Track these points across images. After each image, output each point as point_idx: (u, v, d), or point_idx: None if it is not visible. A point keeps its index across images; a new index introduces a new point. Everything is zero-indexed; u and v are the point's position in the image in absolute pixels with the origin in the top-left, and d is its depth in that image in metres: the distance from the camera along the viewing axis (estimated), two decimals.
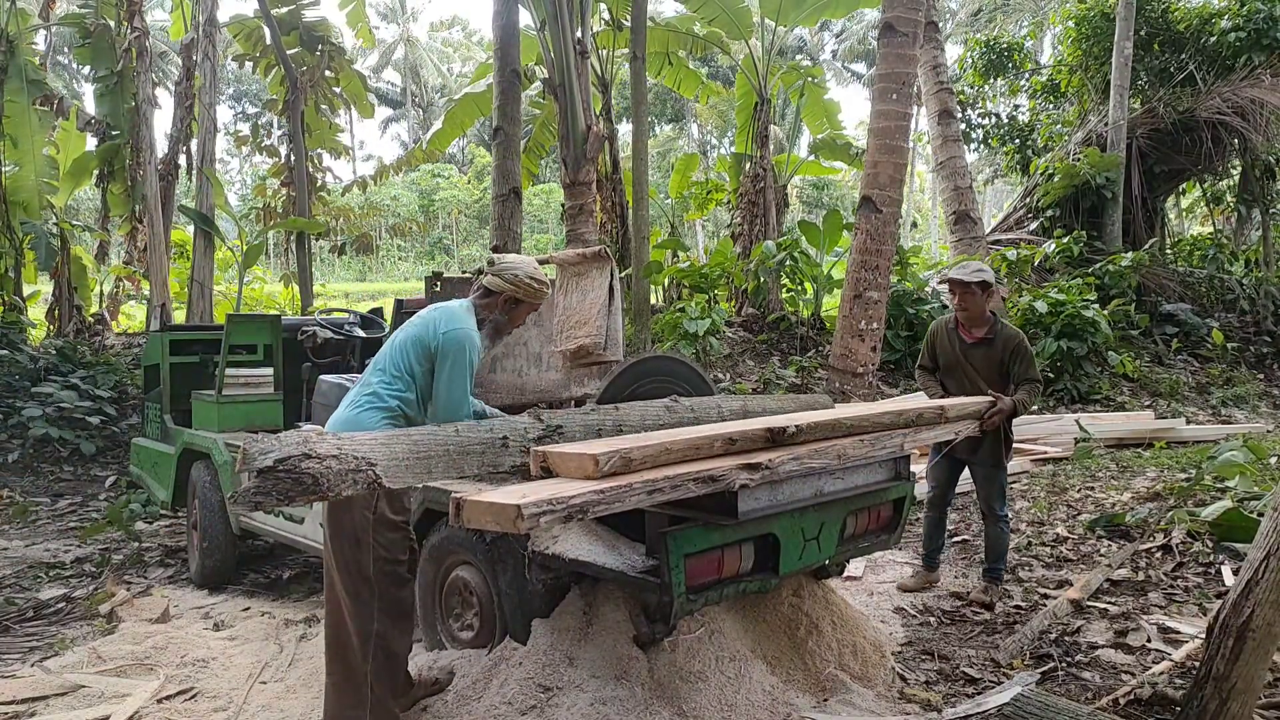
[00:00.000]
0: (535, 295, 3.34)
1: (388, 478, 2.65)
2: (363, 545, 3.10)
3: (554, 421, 3.08)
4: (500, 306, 3.32)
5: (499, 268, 3.29)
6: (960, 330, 4.55)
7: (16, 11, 11.39)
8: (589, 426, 3.18)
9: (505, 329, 3.41)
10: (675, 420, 3.48)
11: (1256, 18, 14.29)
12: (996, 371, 4.51)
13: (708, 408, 3.72)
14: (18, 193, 11.42)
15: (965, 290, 4.46)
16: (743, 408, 3.84)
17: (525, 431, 3.01)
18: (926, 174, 40.48)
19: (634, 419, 3.36)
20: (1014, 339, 4.53)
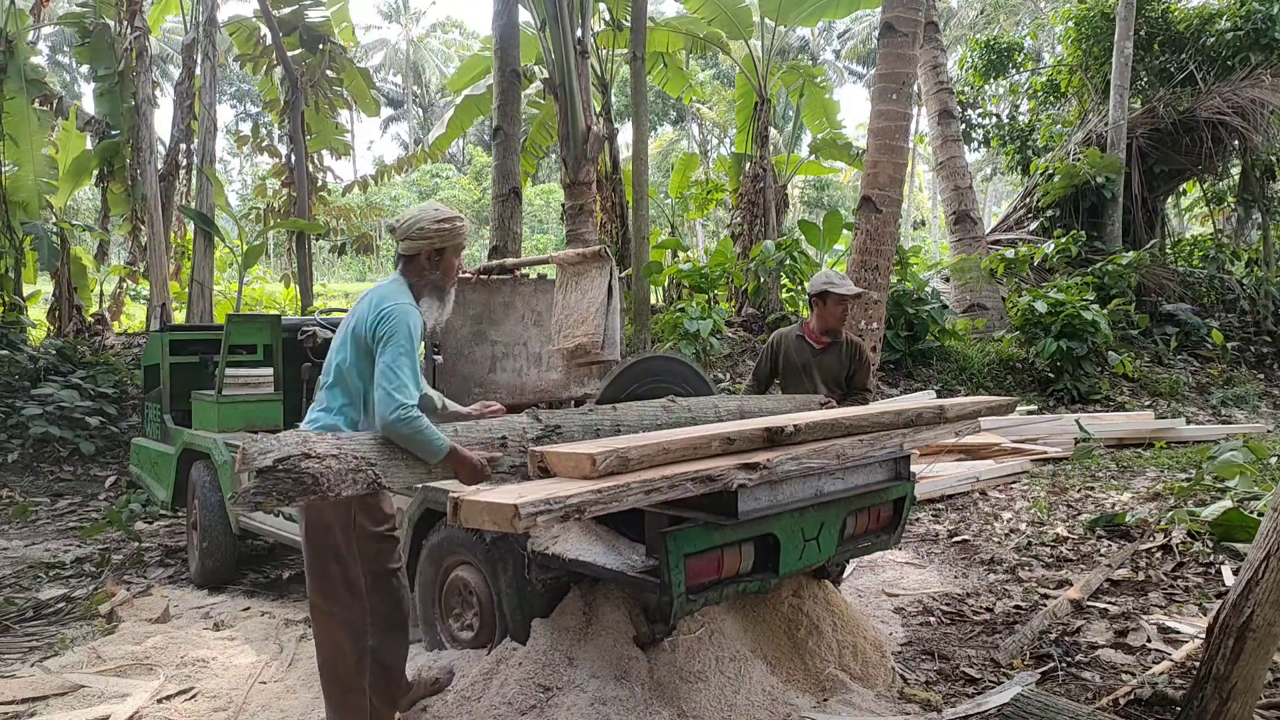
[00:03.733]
0: (453, 236, 3.07)
1: (387, 477, 2.62)
2: (347, 562, 2.98)
3: (552, 421, 3.03)
4: (427, 264, 3.06)
5: (403, 230, 3.05)
6: (809, 338, 4.63)
7: (16, 11, 11.38)
8: (587, 426, 3.14)
9: (445, 284, 3.12)
10: (673, 420, 3.46)
11: (1255, 17, 14.29)
12: (844, 376, 4.63)
13: (705, 407, 3.69)
14: (17, 193, 11.42)
15: (852, 301, 4.57)
16: (739, 407, 3.81)
17: (524, 431, 2.96)
18: (926, 174, 40.50)
19: (632, 419, 3.33)
20: (858, 346, 4.68)
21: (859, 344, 4.67)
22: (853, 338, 4.70)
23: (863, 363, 4.64)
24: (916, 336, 11.54)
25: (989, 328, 13.31)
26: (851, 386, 4.62)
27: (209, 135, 13.16)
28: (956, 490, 7.40)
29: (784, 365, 4.66)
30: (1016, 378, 11.52)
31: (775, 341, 4.74)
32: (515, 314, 4.80)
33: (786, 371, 4.65)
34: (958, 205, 14.74)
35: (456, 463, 2.76)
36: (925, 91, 15.01)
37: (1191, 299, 14.14)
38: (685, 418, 3.54)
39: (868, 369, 4.68)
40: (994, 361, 11.81)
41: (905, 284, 11.85)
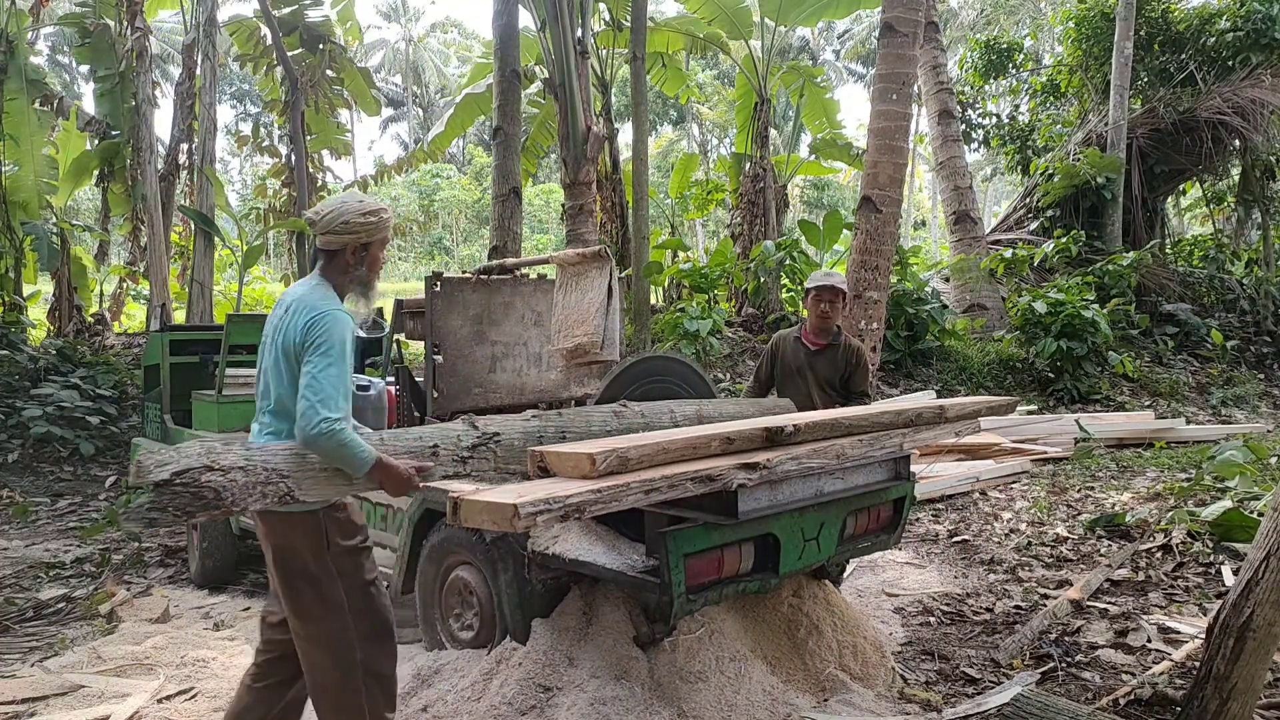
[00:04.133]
0: (379, 229, 2.84)
1: (302, 490, 2.46)
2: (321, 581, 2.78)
3: (490, 428, 2.87)
4: (352, 260, 2.82)
5: (324, 223, 2.78)
6: (805, 339, 4.59)
7: (16, 11, 11.39)
8: (529, 434, 2.98)
9: (371, 280, 2.92)
10: (624, 426, 3.29)
11: (1255, 17, 14.29)
12: (839, 378, 4.56)
13: (659, 412, 3.55)
14: (17, 193, 11.42)
15: (834, 297, 4.51)
16: (697, 413, 3.68)
17: (458, 439, 2.78)
18: (926, 174, 40.50)
19: (578, 426, 3.19)
20: (856, 348, 4.60)
21: (858, 347, 4.61)
22: (852, 341, 4.66)
23: (861, 366, 4.57)
24: (916, 336, 11.54)
25: (989, 328, 13.31)
26: (849, 390, 4.56)
27: (209, 135, 13.16)
28: (956, 490, 7.40)
29: (780, 367, 4.65)
30: (1016, 378, 11.52)
31: (775, 343, 4.73)
32: (515, 314, 4.80)
33: (784, 373, 4.64)
34: (958, 205, 14.74)
35: (382, 474, 2.57)
36: (925, 91, 15.01)
37: (1191, 299, 14.15)
38: (638, 423, 3.38)
39: (866, 373, 4.61)
40: (994, 361, 11.81)
41: (905, 284, 11.85)
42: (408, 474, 2.60)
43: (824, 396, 4.51)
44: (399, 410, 4.73)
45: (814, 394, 4.53)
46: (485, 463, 2.82)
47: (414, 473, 2.62)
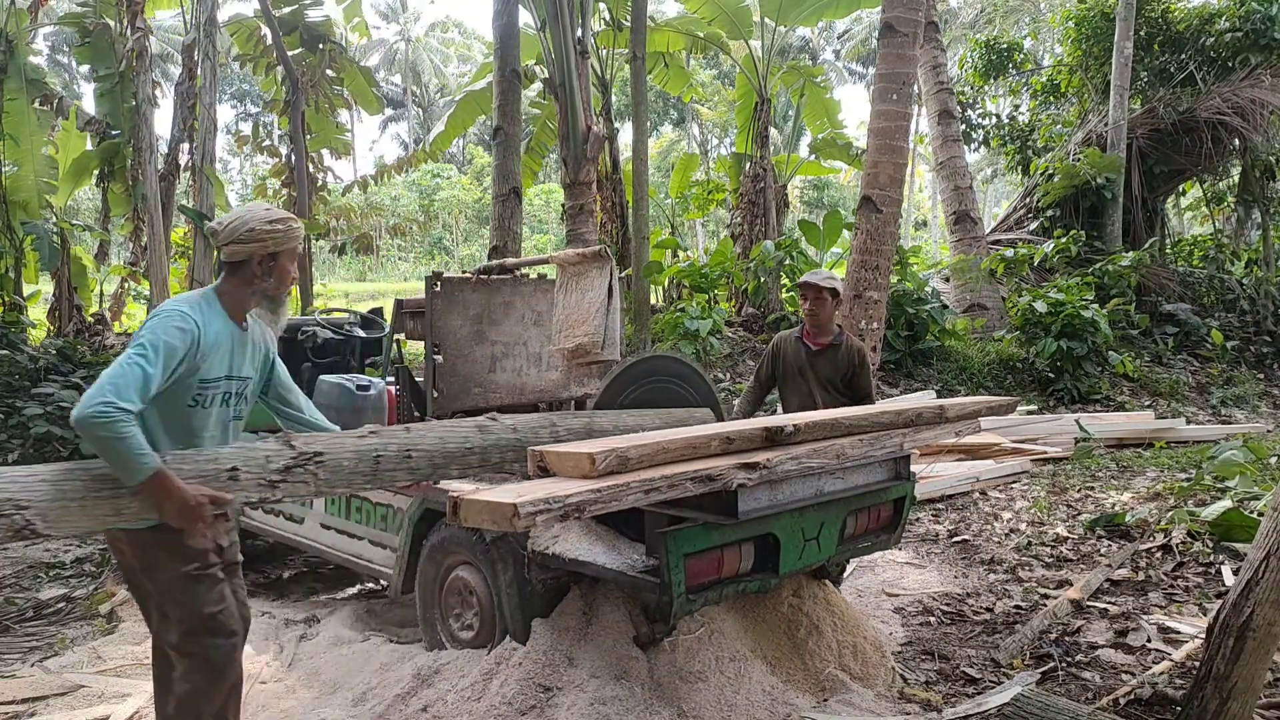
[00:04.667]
0: (287, 238, 2.67)
1: (47, 522, 2.14)
2: (169, 605, 2.60)
3: (310, 448, 2.52)
4: (258, 271, 2.65)
5: (226, 233, 2.61)
6: (805, 339, 4.58)
7: (16, 11, 11.39)
8: (362, 453, 2.62)
9: (279, 291, 2.73)
10: (490, 443, 2.97)
11: (1254, 18, 14.29)
12: (840, 379, 4.52)
13: (537, 426, 3.18)
14: (17, 192, 11.41)
15: (817, 295, 4.48)
16: (586, 426, 3.33)
17: (265, 461, 2.43)
18: (926, 174, 40.50)
19: (429, 442, 2.82)
20: (860, 349, 4.58)
21: (860, 347, 4.60)
22: (854, 340, 4.64)
23: (864, 367, 4.55)
24: (916, 336, 11.54)
25: (989, 328, 13.31)
26: (853, 392, 4.54)
27: (209, 135, 13.16)
28: (956, 490, 7.40)
29: (782, 367, 4.65)
30: (1016, 378, 11.52)
31: (776, 344, 4.73)
32: (515, 314, 4.79)
33: (785, 374, 4.64)
34: (958, 205, 14.74)
35: (161, 493, 2.27)
36: (925, 91, 15.01)
37: (1191, 299, 14.14)
38: (507, 439, 3.04)
39: (869, 374, 4.59)
40: (994, 361, 11.81)
41: (905, 284, 11.85)
42: (195, 502, 2.29)
43: (826, 396, 4.50)
44: (399, 410, 4.73)
45: (816, 394, 4.53)
46: (304, 486, 2.48)
47: (205, 502, 2.30)
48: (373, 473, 2.64)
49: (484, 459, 2.96)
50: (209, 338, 2.54)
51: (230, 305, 2.67)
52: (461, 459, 2.89)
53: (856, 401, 4.50)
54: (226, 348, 2.62)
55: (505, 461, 3.04)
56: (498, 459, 3.01)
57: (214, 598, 2.62)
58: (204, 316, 2.55)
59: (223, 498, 2.36)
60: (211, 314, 2.60)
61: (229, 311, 2.66)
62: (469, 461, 2.91)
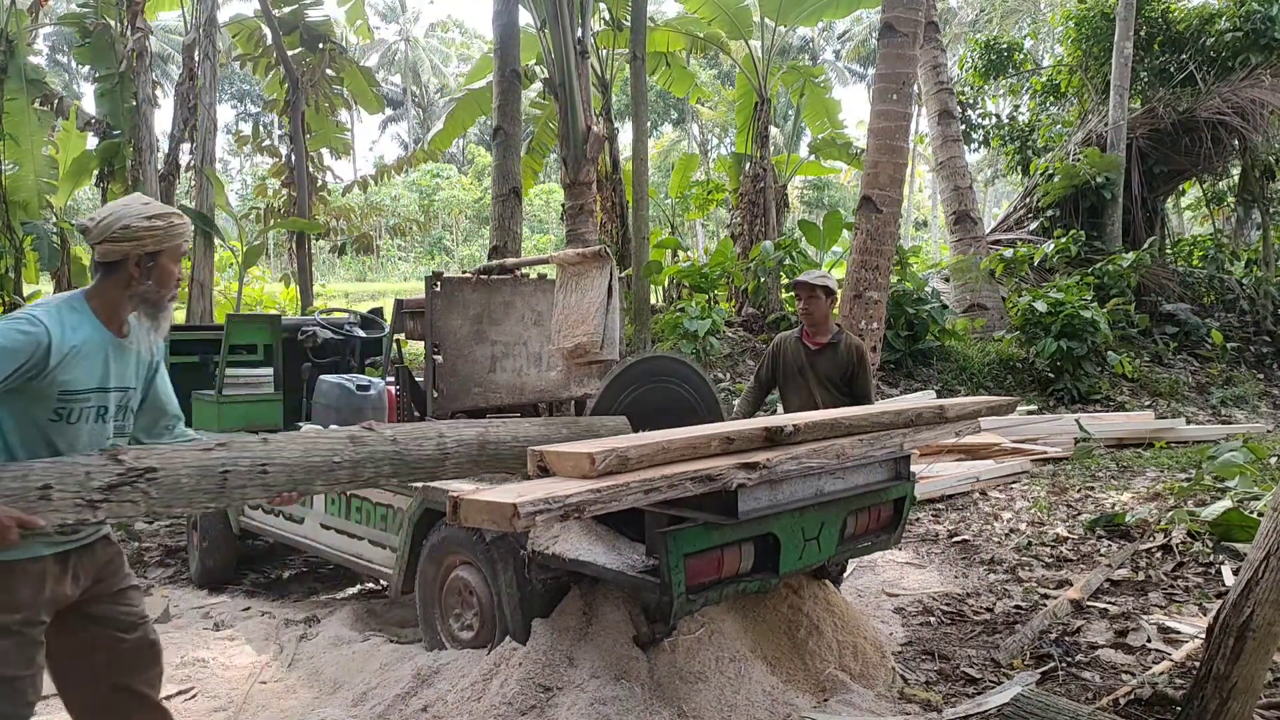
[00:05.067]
0: (170, 235, 2.40)
1: None
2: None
3: (142, 463, 2.24)
4: (136, 273, 2.38)
5: (99, 230, 2.36)
6: (805, 339, 4.58)
7: (16, 12, 11.39)
8: (206, 469, 2.34)
9: (161, 295, 2.44)
10: (364, 455, 2.69)
11: (1255, 18, 14.30)
12: (841, 378, 4.52)
13: (422, 437, 2.91)
14: (18, 192, 11.42)
15: (810, 293, 4.48)
16: (479, 436, 3.09)
17: (86, 477, 2.13)
18: (926, 174, 40.51)
19: (288, 456, 2.52)
20: (859, 347, 4.57)
21: (859, 345, 4.60)
22: (853, 339, 4.64)
23: (864, 367, 4.54)
24: (916, 336, 11.54)
25: (989, 328, 13.31)
26: (854, 391, 4.54)
27: (209, 135, 13.17)
28: (956, 490, 7.40)
29: (782, 368, 4.65)
30: (1016, 378, 11.52)
31: (776, 345, 4.74)
32: (515, 314, 4.80)
33: (785, 374, 4.64)
34: (958, 205, 14.75)
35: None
36: (925, 91, 15.01)
37: (1191, 299, 14.14)
38: (384, 451, 2.75)
39: (869, 373, 4.59)
40: (994, 361, 11.81)
41: (905, 284, 11.86)
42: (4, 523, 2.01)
43: (826, 395, 4.50)
44: (399, 410, 4.73)
45: (816, 393, 4.53)
46: (132, 506, 2.21)
47: (10, 525, 2.02)
48: (219, 490, 2.37)
49: (355, 473, 2.67)
50: (67, 345, 2.27)
51: (103, 310, 2.39)
52: (328, 474, 2.60)
53: (856, 400, 4.50)
54: (98, 357, 2.35)
55: (381, 476, 2.77)
56: (372, 473, 2.72)
57: (20, 661, 2.25)
58: (60, 321, 2.29)
59: (32, 521, 2.03)
60: (77, 319, 2.33)
61: (102, 317, 2.38)
62: (337, 476, 2.63)
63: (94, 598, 2.43)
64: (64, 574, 2.34)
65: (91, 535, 2.42)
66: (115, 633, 2.48)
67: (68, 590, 2.36)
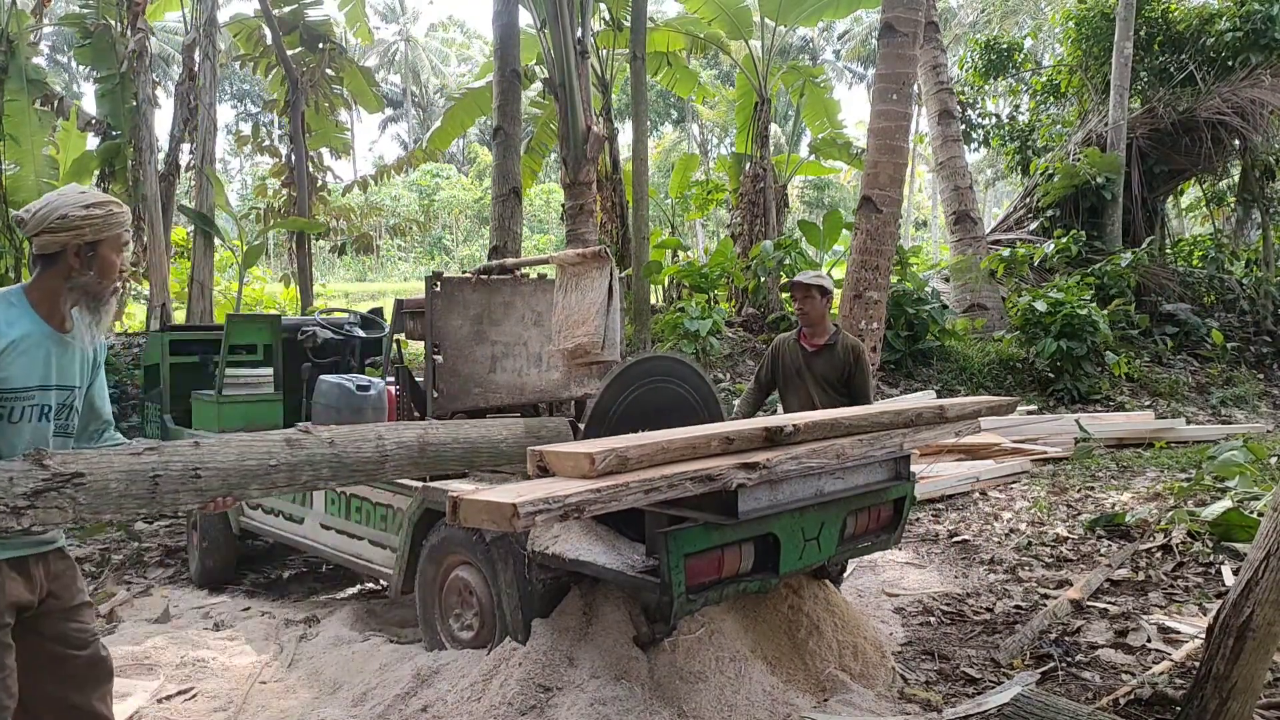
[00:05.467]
0: (109, 224, 2.34)
1: None
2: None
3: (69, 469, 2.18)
4: (76, 264, 2.31)
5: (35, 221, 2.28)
6: (802, 340, 4.58)
7: (17, 12, 11.39)
8: (135, 473, 2.28)
9: (102, 289, 2.38)
10: (301, 459, 2.65)
11: (1255, 18, 14.29)
12: (838, 378, 4.52)
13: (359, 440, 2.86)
14: (18, 193, 11.41)
15: (805, 293, 4.48)
16: (419, 438, 3.04)
17: (9, 483, 2.07)
18: (926, 174, 40.51)
19: (222, 459, 2.48)
20: (856, 347, 4.57)
21: (856, 345, 4.59)
22: (851, 340, 4.64)
23: (861, 367, 4.54)
24: (916, 336, 11.54)
25: (989, 328, 13.31)
26: (852, 392, 4.53)
27: (209, 135, 13.17)
28: (956, 490, 7.40)
29: (781, 369, 4.65)
30: (1016, 378, 11.52)
31: (775, 346, 4.74)
32: (515, 314, 4.80)
33: (784, 376, 4.65)
34: (958, 205, 14.75)
35: None
36: (925, 91, 15.01)
37: (1191, 299, 14.14)
38: (321, 454, 2.70)
39: (867, 374, 4.58)
40: (994, 361, 11.81)
41: (905, 284, 11.86)
42: None
43: (823, 396, 4.50)
44: (399, 410, 4.73)
45: (814, 394, 4.53)
46: (59, 513, 2.14)
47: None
48: (149, 495, 2.32)
49: (292, 477, 2.64)
50: (4, 341, 2.22)
51: (42, 304, 2.31)
52: (264, 477, 2.56)
53: (854, 401, 4.49)
54: (39, 354, 2.29)
55: (319, 479, 2.74)
56: (309, 476, 2.69)
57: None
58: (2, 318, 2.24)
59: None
60: (14, 314, 2.27)
61: (41, 312, 2.31)
62: (274, 480, 2.59)
63: (47, 613, 2.38)
64: (22, 578, 2.30)
65: (48, 546, 2.37)
66: (66, 650, 2.43)
67: (28, 595, 2.31)
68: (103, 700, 2.53)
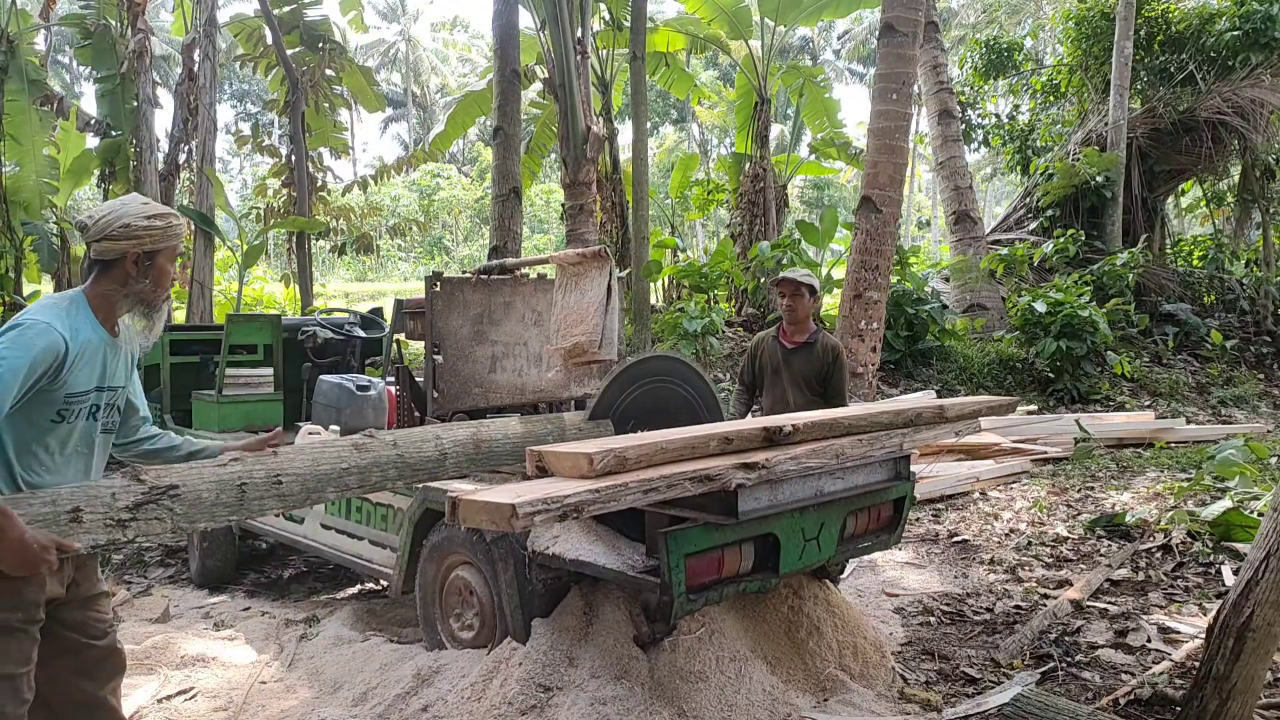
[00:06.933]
0: (167, 235, 2.42)
1: None
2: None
3: (164, 481, 2.31)
4: (134, 271, 2.39)
5: (98, 227, 2.35)
6: (782, 337, 4.59)
7: (17, 12, 11.39)
8: (224, 483, 2.43)
9: (155, 296, 2.46)
10: (369, 461, 2.80)
11: (1255, 17, 14.29)
12: (816, 377, 4.52)
13: (420, 441, 3.02)
14: (18, 193, 11.42)
15: (795, 290, 4.49)
16: (472, 436, 3.19)
17: (112, 499, 2.20)
18: (926, 174, 40.51)
19: (299, 466, 2.62)
20: (835, 347, 4.58)
21: (836, 345, 4.61)
22: (831, 340, 4.65)
23: (839, 366, 4.53)
24: (916, 336, 11.54)
25: (989, 328, 13.31)
26: (828, 391, 4.54)
27: (209, 135, 13.17)
28: (956, 490, 7.40)
29: (761, 367, 4.66)
30: (1016, 378, 11.52)
31: (755, 344, 4.76)
32: (515, 314, 4.80)
33: (763, 373, 4.65)
34: (958, 205, 14.75)
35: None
36: (925, 91, 15.01)
37: (1191, 299, 14.14)
38: (387, 456, 2.85)
39: (844, 374, 4.57)
40: (994, 361, 11.81)
41: (905, 284, 11.86)
42: (37, 545, 2.04)
43: (799, 395, 4.51)
44: (399, 410, 4.73)
45: (789, 392, 4.53)
46: (159, 524, 2.28)
47: (50, 545, 2.06)
48: (238, 503, 2.46)
49: (363, 479, 2.79)
50: (76, 348, 2.28)
51: (100, 309, 2.39)
52: (338, 480, 2.70)
53: (829, 401, 4.50)
54: (97, 358, 2.36)
55: (387, 480, 2.87)
56: (378, 478, 2.83)
57: (20, 658, 2.26)
58: (71, 324, 2.29)
59: (69, 546, 2.10)
60: (80, 320, 2.33)
61: (99, 316, 2.38)
62: (346, 483, 2.74)
63: (67, 601, 2.42)
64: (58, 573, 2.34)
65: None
66: (84, 639, 2.47)
67: (59, 588, 2.36)
68: (114, 693, 2.56)
